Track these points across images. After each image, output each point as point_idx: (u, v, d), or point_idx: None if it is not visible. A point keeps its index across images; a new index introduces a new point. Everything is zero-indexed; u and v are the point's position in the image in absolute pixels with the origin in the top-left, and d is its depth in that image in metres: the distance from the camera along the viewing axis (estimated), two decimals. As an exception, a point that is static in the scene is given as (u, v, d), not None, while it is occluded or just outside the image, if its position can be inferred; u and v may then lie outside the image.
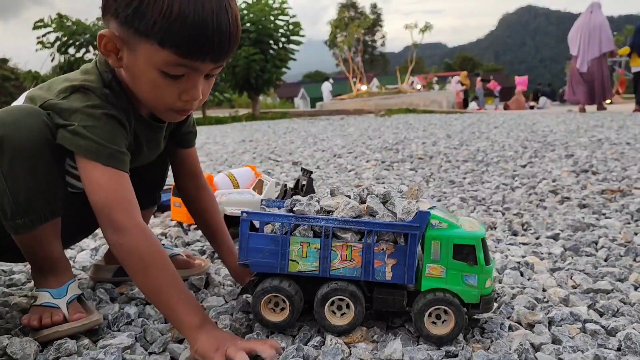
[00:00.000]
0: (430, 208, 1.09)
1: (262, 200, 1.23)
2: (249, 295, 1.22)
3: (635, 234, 1.88)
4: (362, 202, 1.14)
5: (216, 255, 1.73)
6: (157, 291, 1.04)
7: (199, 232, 1.98)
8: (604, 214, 2.19)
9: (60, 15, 10.95)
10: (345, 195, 1.16)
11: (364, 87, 19.07)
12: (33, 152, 1.05)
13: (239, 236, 1.10)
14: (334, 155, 4.43)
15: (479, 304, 1.08)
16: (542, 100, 16.78)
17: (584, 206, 2.33)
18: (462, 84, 17.91)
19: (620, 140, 4.65)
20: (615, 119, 7.12)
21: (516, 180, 2.97)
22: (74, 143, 1.06)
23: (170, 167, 1.44)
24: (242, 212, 1.09)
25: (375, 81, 26.88)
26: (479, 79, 20.55)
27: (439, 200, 2.51)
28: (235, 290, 1.32)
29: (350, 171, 3.55)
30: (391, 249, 1.07)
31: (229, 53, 1.06)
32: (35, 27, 10.86)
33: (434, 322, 1.07)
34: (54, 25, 10.80)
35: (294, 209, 1.10)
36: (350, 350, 1.04)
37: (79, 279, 1.47)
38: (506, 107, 15.78)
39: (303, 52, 13.27)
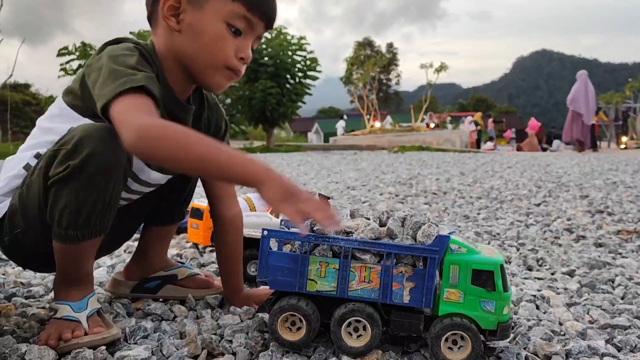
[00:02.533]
0: (449, 233, 1.10)
1: (281, 220, 1.25)
2: (266, 314, 1.22)
3: (653, 273, 1.87)
4: (382, 225, 1.15)
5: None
6: (211, 155, 0.98)
7: (214, 255, 1.99)
8: (620, 254, 2.18)
9: (84, 44, 11.22)
10: (365, 217, 1.17)
11: (377, 124, 19.21)
12: (111, 173, 1.07)
13: (259, 253, 1.11)
14: (347, 187, 4.45)
15: (496, 330, 1.07)
16: (556, 143, 16.76)
17: (600, 245, 2.32)
18: (477, 124, 17.98)
19: (636, 183, 4.63)
20: (630, 163, 7.09)
21: (530, 218, 2.96)
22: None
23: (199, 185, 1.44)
24: (263, 229, 1.10)
25: (388, 118, 27.08)
26: (490, 120, 20.63)
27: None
28: (251, 310, 1.32)
29: (364, 202, 3.56)
30: (410, 272, 1.07)
31: (275, 20, 1.21)
32: (60, 54, 11.12)
33: (450, 348, 1.07)
34: (77, 53, 11.07)
35: (315, 228, 1.11)
36: (365, 372, 1.04)
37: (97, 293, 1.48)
38: (519, 149, 15.77)
39: (319, 88, 13.45)
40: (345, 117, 25.88)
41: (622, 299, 1.62)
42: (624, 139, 15.11)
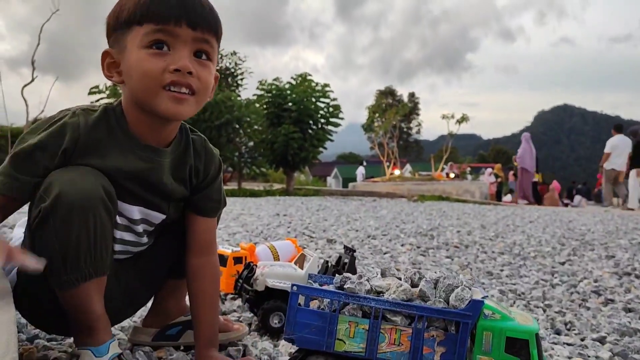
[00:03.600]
0: (483, 297, 1.08)
1: (309, 274, 1.24)
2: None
3: (687, 344, 1.80)
4: (414, 285, 1.13)
5: (254, 323, 1.72)
6: None
7: (237, 302, 1.97)
8: (651, 321, 2.10)
9: (115, 84, 11.52)
10: (397, 277, 1.15)
11: (397, 172, 19.22)
12: (86, 209, 1.08)
13: (287, 309, 1.09)
14: (368, 236, 4.42)
15: (530, 403, 1.03)
16: (577, 198, 16.59)
17: (630, 310, 2.25)
18: (497, 177, 17.89)
19: (663, 245, 4.53)
20: (656, 222, 6.95)
21: (556, 277, 2.89)
22: None
23: None
24: (293, 285, 1.09)
25: (408, 167, 27.09)
26: (511, 172, 20.53)
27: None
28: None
29: (385, 253, 3.52)
30: (441, 337, 1.05)
31: (203, 17, 1.15)
32: (90, 93, 11.41)
33: (481, 419, 1.03)
34: (107, 92, 11.35)
35: (345, 286, 1.10)
36: None
37: (118, 339, 1.47)
38: (539, 203, 15.62)
39: (340, 133, 13.58)
40: (364, 163, 25.98)
41: (657, 370, 1.56)
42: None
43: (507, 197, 17.18)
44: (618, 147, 10.84)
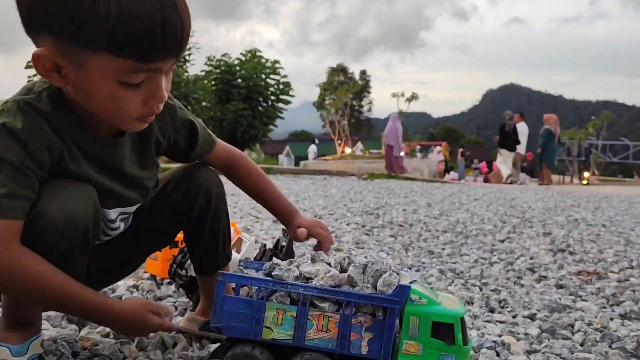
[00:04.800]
0: (411, 282, 1.08)
1: (241, 260, 1.21)
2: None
3: (611, 319, 1.87)
4: (343, 270, 1.13)
5: (189, 309, 1.68)
6: (64, 295, 1.04)
7: (172, 287, 1.93)
8: (580, 296, 2.19)
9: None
10: (326, 263, 1.14)
11: (348, 150, 19.33)
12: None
13: (213, 298, 1.06)
14: (315, 215, 4.42)
15: (455, 385, 1.05)
16: (522, 176, 17.13)
17: (561, 286, 2.34)
18: (443, 155, 18.29)
19: (597, 221, 4.73)
20: (592, 199, 7.26)
21: (495, 255, 2.97)
22: None
23: None
24: (220, 273, 1.06)
25: (359, 145, 27.26)
26: (460, 150, 21.00)
27: (417, 271, 2.50)
28: (202, 355, 1.27)
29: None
30: (369, 322, 1.04)
31: (185, 41, 0.96)
32: (27, 67, 10.91)
33: (407, 402, 1.04)
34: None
35: (273, 273, 1.08)
36: None
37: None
38: (486, 180, 16.04)
39: (293, 111, 13.53)
40: (317, 141, 26.00)
41: (582, 345, 1.62)
42: (585, 174, 15.53)
43: (451, 175, 17.59)
44: (522, 134, 12.38)
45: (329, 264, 1.13)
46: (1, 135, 0.97)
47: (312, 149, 23.20)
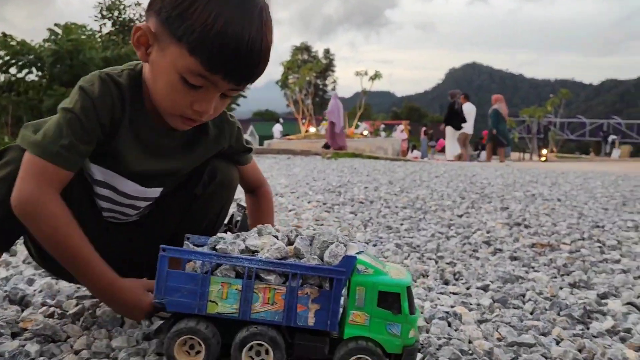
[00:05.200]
0: (358, 253, 1.07)
1: (186, 235, 1.18)
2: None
3: (561, 288, 1.92)
4: (290, 243, 1.11)
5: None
6: (80, 264, 1.12)
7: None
8: (532, 267, 2.24)
9: (4, 35, 10.61)
10: (273, 236, 1.12)
11: (312, 129, 19.25)
12: None
13: (156, 273, 1.04)
14: (276, 194, 4.39)
15: (402, 354, 1.05)
16: (483, 153, 17.44)
17: (515, 258, 2.38)
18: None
19: (552, 196, 4.84)
20: (549, 175, 7.43)
21: (452, 229, 3.01)
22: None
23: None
24: (162, 247, 1.03)
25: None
26: (423, 129, 21.18)
27: (374, 245, 2.51)
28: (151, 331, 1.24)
29: (290, 211, 3.51)
30: (315, 294, 1.03)
31: (252, 78, 1.11)
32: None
33: (354, 372, 1.03)
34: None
35: (217, 247, 1.05)
36: (265, 400, 0.98)
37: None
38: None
39: (258, 90, 13.45)
40: (281, 120, 25.81)
41: (531, 314, 1.66)
42: (544, 151, 15.89)
43: (414, 153, 17.78)
44: (469, 114, 12.81)
45: (276, 237, 1.12)
46: (78, 94, 1.12)
47: (277, 128, 23.03)
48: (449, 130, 13.07)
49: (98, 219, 1.31)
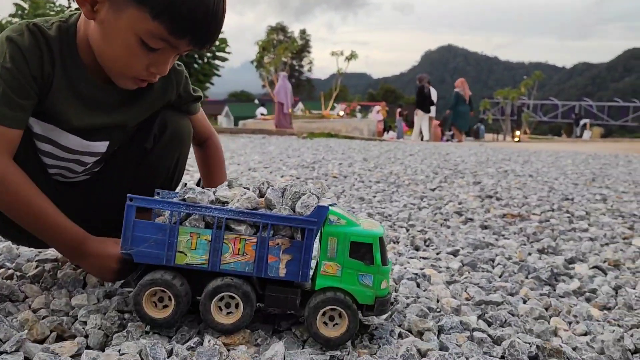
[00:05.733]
0: (330, 205, 1.07)
1: (156, 190, 1.16)
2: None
3: (529, 254, 1.95)
4: (262, 195, 1.10)
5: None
6: (41, 219, 1.10)
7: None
8: (503, 235, 2.27)
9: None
10: (244, 187, 1.11)
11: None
12: None
13: (123, 223, 1.02)
14: (249, 169, 4.37)
15: (374, 305, 1.05)
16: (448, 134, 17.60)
17: (486, 227, 2.41)
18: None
19: (524, 172, 4.91)
20: (522, 154, 7.53)
21: (424, 201, 3.03)
22: None
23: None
24: (128, 196, 1.01)
25: (300, 105, 27.09)
26: (399, 110, 21.24)
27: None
28: (114, 289, 1.22)
29: (262, 184, 3.49)
30: (287, 244, 1.03)
31: (214, 42, 1.11)
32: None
33: (325, 323, 1.04)
34: None
35: (186, 196, 1.04)
36: (229, 353, 0.98)
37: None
38: (423, 139, 16.40)
39: (234, 71, 13.32)
40: (257, 101, 25.58)
41: (500, 277, 1.68)
42: (517, 132, 16.10)
43: (390, 134, 17.85)
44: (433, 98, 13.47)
45: (247, 189, 1.11)
46: (7, 47, 1.05)
47: (261, 110, 22.82)
48: (419, 113, 13.51)
49: (46, 177, 1.25)
